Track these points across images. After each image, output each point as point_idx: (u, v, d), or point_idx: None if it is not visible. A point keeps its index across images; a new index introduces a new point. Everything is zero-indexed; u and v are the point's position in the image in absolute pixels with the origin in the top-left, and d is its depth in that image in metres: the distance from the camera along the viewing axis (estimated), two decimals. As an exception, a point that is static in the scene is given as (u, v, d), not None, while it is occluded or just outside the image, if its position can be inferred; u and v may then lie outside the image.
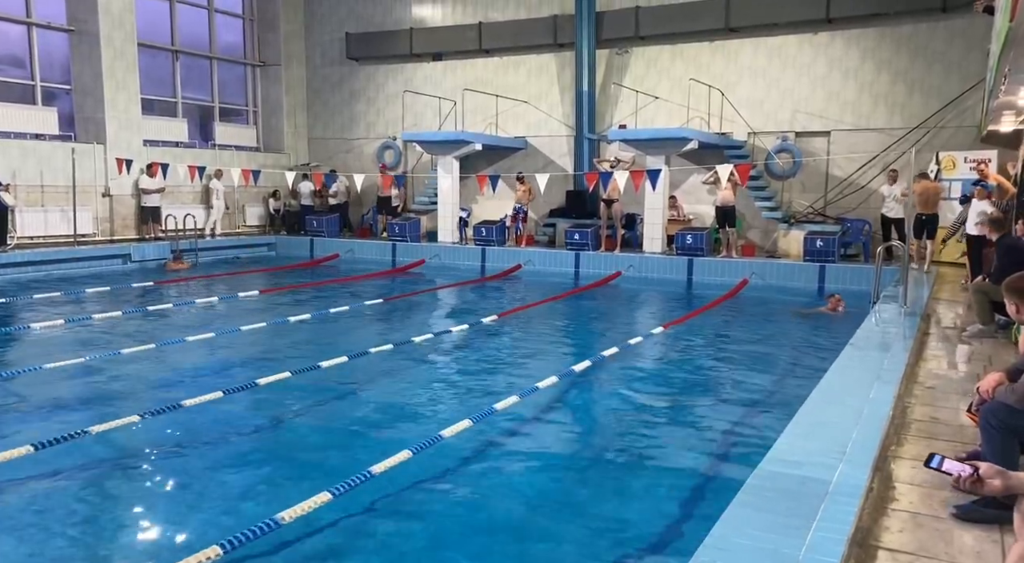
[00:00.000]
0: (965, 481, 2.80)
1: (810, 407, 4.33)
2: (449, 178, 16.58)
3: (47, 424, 5.30)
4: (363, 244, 17.20)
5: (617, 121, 16.58)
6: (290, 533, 3.64)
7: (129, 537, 3.90)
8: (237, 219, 18.82)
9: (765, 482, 3.17)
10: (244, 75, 20.16)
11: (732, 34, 15.60)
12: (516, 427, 5.52)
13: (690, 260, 13.94)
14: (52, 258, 13.74)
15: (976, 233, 9.73)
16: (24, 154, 14.55)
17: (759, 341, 9.05)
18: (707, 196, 15.80)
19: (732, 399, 6.41)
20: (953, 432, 4.17)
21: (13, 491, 4.26)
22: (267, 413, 5.83)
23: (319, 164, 19.70)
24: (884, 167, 14.08)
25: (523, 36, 17.44)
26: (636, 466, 4.90)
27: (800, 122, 15.24)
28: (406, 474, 4.35)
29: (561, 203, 17.01)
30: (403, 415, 5.90)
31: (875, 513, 3.11)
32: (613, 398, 6.46)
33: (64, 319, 8.90)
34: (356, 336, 8.84)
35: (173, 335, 8.24)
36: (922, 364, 5.83)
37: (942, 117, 14.02)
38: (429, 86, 18.60)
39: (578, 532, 3.94)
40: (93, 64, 15.62)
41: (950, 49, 13.95)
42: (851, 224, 14.34)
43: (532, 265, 15.05)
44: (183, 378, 6.79)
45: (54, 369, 6.44)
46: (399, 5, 19.06)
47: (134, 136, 16.26)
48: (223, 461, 4.85)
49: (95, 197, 15.63)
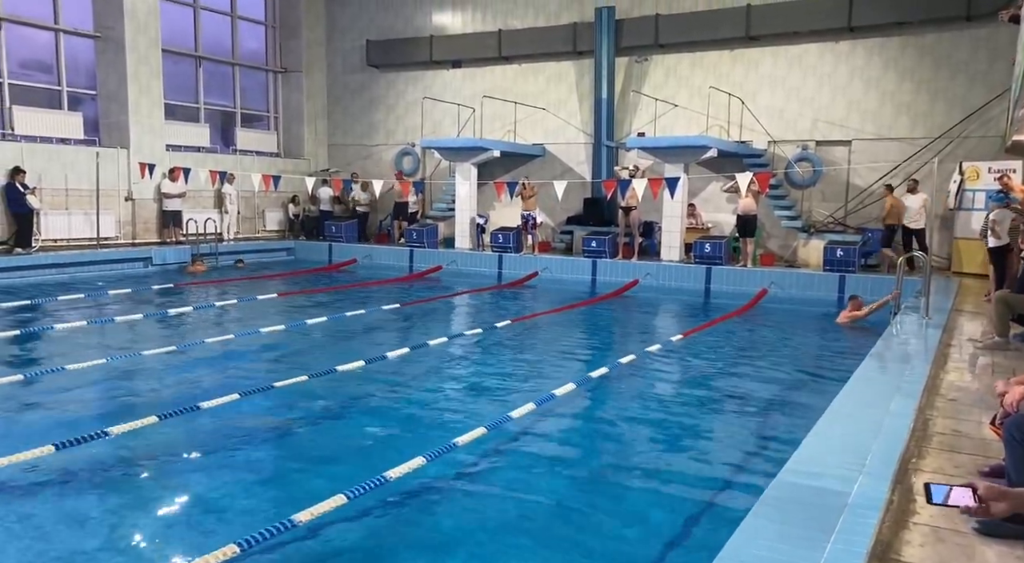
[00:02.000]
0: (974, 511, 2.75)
1: (829, 418, 4.28)
2: (467, 185, 16.63)
3: (69, 424, 5.36)
4: (380, 250, 17.28)
5: (636, 129, 16.56)
6: (305, 533, 3.66)
7: (148, 535, 3.93)
8: (257, 224, 19.00)
9: (783, 493, 3.14)
10: (266, 81, 20.38)
11: (752, 42, 15.54)
12: (532, 435, 5.50)
13: (708, 269, 13.86)
14: (75, 261, 13.93)
15: (995, 244, 9.61)
16: (49, 158, 14.79)
17: (777, 351, 8.97)
18: (726, 204, 15.74)
19: (749, 409, 6.35)
20: (976, 445, 4.10)
21: (36, 489, 4.31)
22: (283, 415, 5.86)
23: (338, 170, 19.84)
24: (906, 177, 13.95)
25: (542, 43, 17.49)
26: (653, 474, 4.86)
27: (821, 131, 15.14)
28: (419, 479, 4.36)
29: (579, 210, 17.00)
30: (418, 421, 5.90)
31: (895, 526, 3.06)
32: (630, 406, 6.42)
33: (86, 320, 9.02)
34: (373, 340, 8.88)
35: (192, 337, 8.32)
36: (944, 376, 5.75)
37: (966, 127, 13.87)
38: (448, 93, 18.69)
39: (593, 541, 3.92)
40: (118, 70, 15.86)
41: (974, 58, 13.80)
42: (872, 234, 14.20)
43: (549, 272, 15.04)
44: (201, 380, 6.84)
45: (76, 370, 6.51)
46: (419, 13, 19.20)
47: (157, 141, 16.47)
48: (240, 461, 4.88)
49: (118, 201, 15.84)
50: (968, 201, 13.13)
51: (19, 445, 4.47)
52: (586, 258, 15.06)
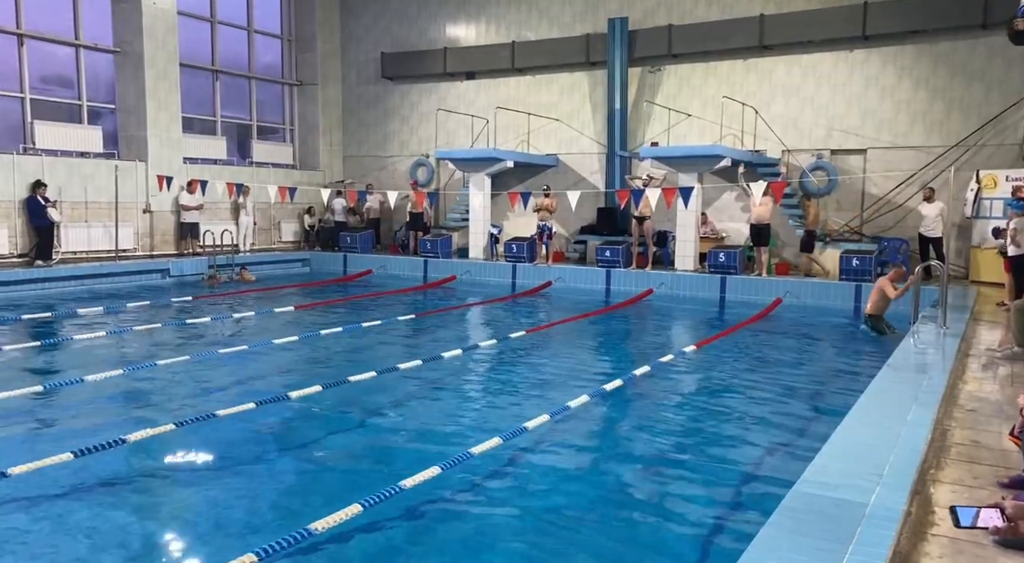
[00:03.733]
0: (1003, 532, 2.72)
1: (846, 429, 4.26)
2: (481, 195, 16.69)
3: (87, 431, 5.42)
4: (395, 260, 17.36)
5: (649, 139, 16.56)
6: (322, 542, 3.68)
7: (165, 543, 3.97)
8: (273, 235, 19.15)
9: (800, 504, 3.13)
10: (281, 94, 20.58)
11: (766, 52, 15.52)
12: (546, 446, 5.50)
13: (723, 278, 13.81)
14: (95, 273, 14.09)
15: (1015, 253, 9.53)
16: (70, 171, 15.00)
17: (793, 361, 8.92)
18: (740, 214, 15.70)
19: (766, 419, 6.31)
20: (995, 457, 4.06)
21: (54, 496, 4.36)
22: (299, 425, 5.89)
23: (353, 181, 19.98)
24: (922, 186, 13.86)
25: (556, 55, 17.56)
26: (668, 485, 4.85)
27: (835, 140, 15.08)
28: (435, 489, 4.37)
29: (592, 220, 17.01)
30: (434, 431, 5.91)
31: (914, 538, 3.04)
32: (645, 416, 6.41)
33: (105, 332, 9.12)
34: (388, 351, 8.91)
35: (209, 348, 8.39)
36: (962, 386, 5.70)
37: (982, 135, 13.77)
38: (462, 104, 18.80)
39: (608, 552, 3.91)
40: (137, 84, 16.08)
41: (990, 66, 13.72)
42: (888, 243, 14.10)
43: (563, 282, 15.04)
44: (218, 389, 6.90)
45: (94, 381, 6.59)
46: (433, 26, 19.35)
47: (175, 154, 16.67)
48: (256, 471, 4.91)
49: (136, 213, 16.02)
50: (985, 209, 13.02)
51: (38, 453, 4.53)
52: (600, 268, 15.06)
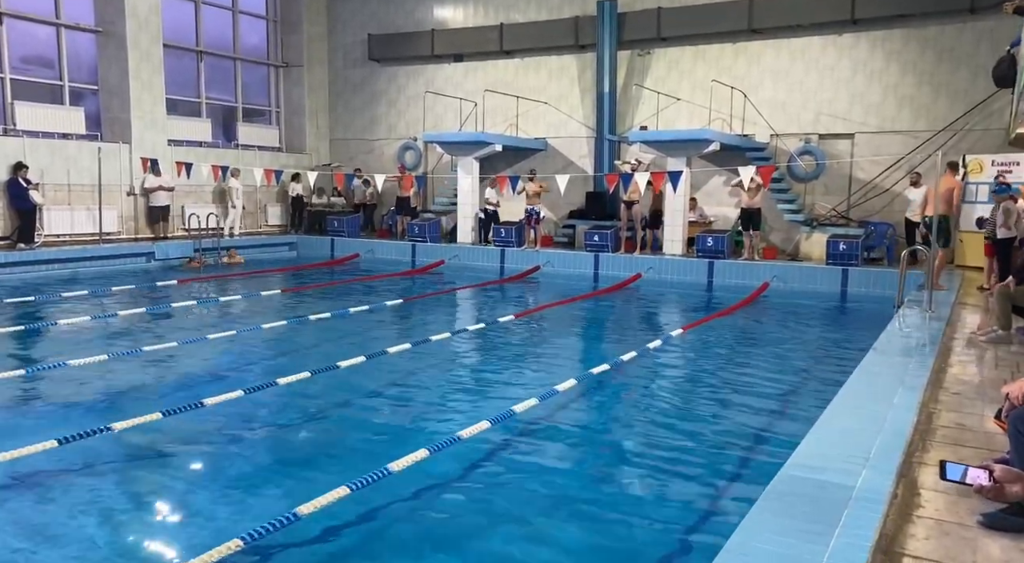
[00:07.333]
0: (988, 491, 2.74)
1: (833, 412, 4.28)
2: (469, 179, 16.61)
3: (72, 419, 5.37)
4: (383, 244, 17.27)
5: (638, 122, 16.51)
6: (309, 526, 3.67)
7: (151, 531, 3.95)
8: (259, 219, 18.99)
9: (787, 487, 3.14)
10: (267, 76, 20.34)
11: (755, 35, 15.48)
12: (535, 429, 5.50)
13: (711, 262, 13.84)
14: (78, 256, 13.94)
15: (1005, 235, 9.59)
16: (52, 153, 14.78)
17: (780, 344, 8.96)
18: (728, 198, 15.71)
19: (752, 403, 6.34)
20: (980, 439, 4.10)
21: (38, 484, 4.32)
22: (286, 411, 5.86)
23: (340, 164, 19.82)
24: (909, 170, 13.90)
25: (544, 37, 17.43)
26: (654, 470, 4.86)
27: (823, 124, 15.09)
28: (423, 472, 4.36)
29: (581, 205, 16.97)
30: (422, 414, 5.92)
31: (900, 520, 3.06)
32: (631, 401, 6.43)
33: (89, 316, 9.02)
34: (376, 335, 8.88)
35: (194, 333, 8.32)
36: (947, 370, 5.74)
37: (969, 120, 13.82)
38: (450, 87, 18.65)
39: (597, 534, 3.93)
40: (120, 65, 15.83)
41: (977, 51, 13.74)
42: (875, 227, 14.16)
43: (551, 266, 15.02)
44: (205, 376, 6.85)
45: (79, 365, 6.52)
46: (421, 7, 19.14)
47: (159, 136, 16.45)
48: (243, 457, 4.89)
49: (120, 196, 15.83)
50: (972, 194, 13.08)
51: (22, 440, 4.47)
52: (588, 252, 15.05)
